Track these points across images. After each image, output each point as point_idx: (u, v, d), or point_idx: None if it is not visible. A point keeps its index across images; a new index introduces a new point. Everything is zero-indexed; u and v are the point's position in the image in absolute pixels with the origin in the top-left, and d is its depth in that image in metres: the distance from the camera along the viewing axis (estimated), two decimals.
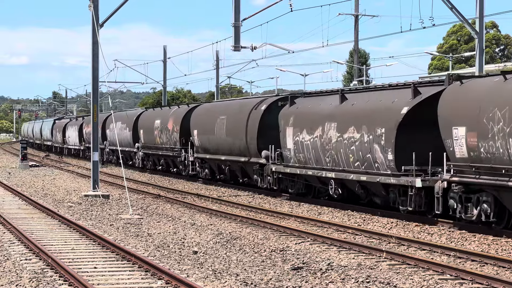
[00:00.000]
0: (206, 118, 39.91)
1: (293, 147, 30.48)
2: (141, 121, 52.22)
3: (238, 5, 34.85)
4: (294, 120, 30.52)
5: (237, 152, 35.78)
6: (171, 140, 44.69)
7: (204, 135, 39.83)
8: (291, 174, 30.99)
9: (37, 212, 27.15)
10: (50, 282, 14.69)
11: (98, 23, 33.10)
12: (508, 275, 15.57)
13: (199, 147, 40.68)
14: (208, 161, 40.21)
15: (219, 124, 37.65)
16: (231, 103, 40.44)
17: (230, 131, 36.56)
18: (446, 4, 32.66)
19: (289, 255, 17.87)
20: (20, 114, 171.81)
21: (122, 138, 55.74)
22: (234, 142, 36.00)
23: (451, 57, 76.90)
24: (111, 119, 59.22)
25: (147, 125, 50.09)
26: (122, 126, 56.78)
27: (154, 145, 48.44)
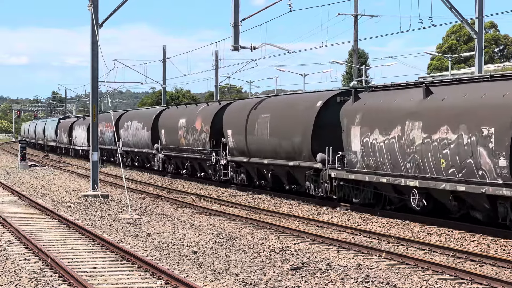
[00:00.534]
0: (244, 117, 35.26)
1: (360, 150, 25.90)
2: (162, 120, 47.25)
3: (238, 5, 34.86)
4: (361, 118, 25.93)
5: (284, 155, 31.53)
6: (199, 141, 40.47)
7: (240, 136, 35.55)
8: (356, 181, 26.44)
9: (37, 212, 27.15)
10: (50, 282, 14.69)
11: (97, 23, 33.10)
12: (507, 275, 15.58)
13: (233, 149, 36.38)
14: (245, 165, 35.66)
15: (261, 123, 33.40)
16: (276, 99, 35.11)
17: (275, 131, 32.29)
18: (446, 4, 32.68)
19: (289, 255, 17.87)
20: (19, 114, 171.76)
21: (138, 138, 51.89)
22: (281, 143, 31.74)
23: (450, 57, 76.91)
24: (126, 117, 56.80)
25: (170, 124, 45.42)
26: (138, 126, 52.08)
27: (178, 146, 43.94)
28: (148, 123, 49.73)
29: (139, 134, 51.39)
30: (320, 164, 28.65)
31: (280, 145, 31.83)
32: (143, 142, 50.66)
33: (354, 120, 26.40)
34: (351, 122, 26.59)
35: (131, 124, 53.76)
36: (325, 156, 28.32)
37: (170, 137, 45.11)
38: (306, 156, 29.81)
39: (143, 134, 50.59)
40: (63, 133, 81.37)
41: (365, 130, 25.68)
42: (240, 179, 36.35)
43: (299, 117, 30.44)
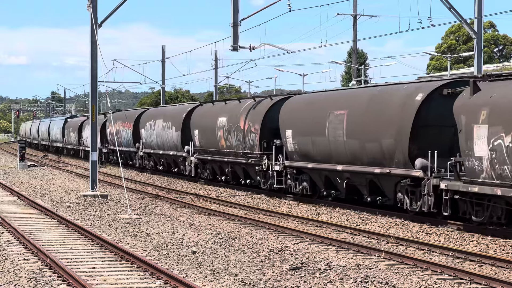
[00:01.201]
0: (308, 114, 29.87)
1: (489, 155, 20.36)
2: (196, 118, 41.41)
3: (237, 5, 34.86)
4: (489, 114, 20.40)
5: (367, 160, 26.09)
6: (245, 143, 34.75)
7: (304, 137, 29.93)
8: (480, 195, 21.10)
9: (36, 212, 27.14)
10: (49, 282, 14.69)
11: (96, 23, 33.10)
12: (506, 275, 15.58)
13: (294, 152, 30.83)
14: (309, 172, 29.98)
15: (334, 122, 27.73)
16: (355, 93, 28.86)
17: (355, 131, 26.59)
18: (445, 4, 32.68)
19: (288, 255, 17.87)
20: (18, 114, 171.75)
21: (164, 139, 46.07)
22: (364, 146, 26.17)
23: (449, 57, 76.94)
24: (148, 116, 50.88)
25: (206, 123, 39.62)
26: (165, 125, 46.17)
27: (215, 149, 38.13)
28: (177, 122, 44.04)
29: (166, 135, 45.66)
30: (421, 172, 23.50)
31: (362, 148, 26.25)
32: (170, 143, 44.96)
33: (477, 118, 20.80)
34: (473, 120, 20.96)
35: (154, 123, 48.13)
36: (427, 162, 23.27)
37: (206, 139, 39.58)
38: (400, 162, 24.59)
39: (170, 135, 44.91)
40: (71, 133, 75.98)
41: (496, 131, 20.11)
42: (301, 188, 30.45)
43: (390, 114, 25.05)
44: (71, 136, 76.06)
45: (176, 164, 44.85)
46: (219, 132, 37.77)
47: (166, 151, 45.89)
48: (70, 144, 76.54)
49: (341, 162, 27.47)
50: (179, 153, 43.53)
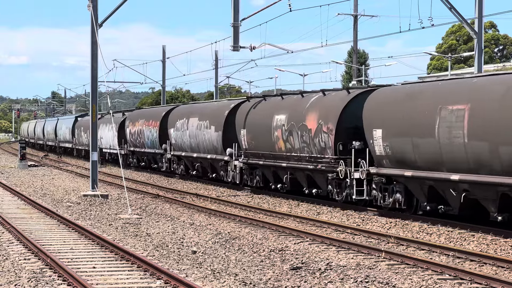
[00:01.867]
0: (407, 110, 24.24)
1: None
2: (242, 116, 35.49)
3: (237, 5, 34.86)
4: None
5: (500, 168, 20.44)
6: (314, 146, 29.03)
7: (401, 138, 24.42)
8: None
9: (36, 212, 27.15)
10: (49, 282, 14.69)
11: (97, 23, 33.11)
12: (507, 275, 15.58)
13: (384, 157, 25.38)
14: (406, 181, 24.54)
15: (448, 119, 22.25)
16: (479, 81, 22.38)
17: (481, 131, 21.08)
18: (445, 4, 32.68)
19: (288, 255, 17.87)
20: (19, 114, 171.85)
21: (200, 140, 40.30)
22: (496, 150, 20.54)
23: (450, 57, 76.95)
24: (178, 113, 45.00)
25: (257, 122, 33.89)
26: (200, 124, 40.39)
27: (271, 152, 32.49)
28: (218, 121, 38.18)
29: (202, 135, 39.93)
30: None
31: (493, 152, 20.65)
32: (208, 145, 39.25)
33: None
34: None
35: (187, 122, 42.24)
36: None
37: (257, 140, 33.81)
38: None
39: (208, 135, 39.14)
40: (82, 133, 69.48)
41: None
42: (393, 200, 25.20)
43: None
44: (82, 136, 69.79)
45: (214, 169, 39.35)
46: (275, 133, 31.89)
47: (202, 154, 40.12)
48: (82, 145, 70.28)
49: (458, 169, 22.00)
50: (219, 156, 37.79)
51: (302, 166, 29.81)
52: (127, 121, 55.24)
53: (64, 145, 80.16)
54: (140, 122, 51.35)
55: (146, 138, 49.88)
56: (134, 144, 53.06)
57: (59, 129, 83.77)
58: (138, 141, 51.62)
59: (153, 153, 49.02)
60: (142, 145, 50.95)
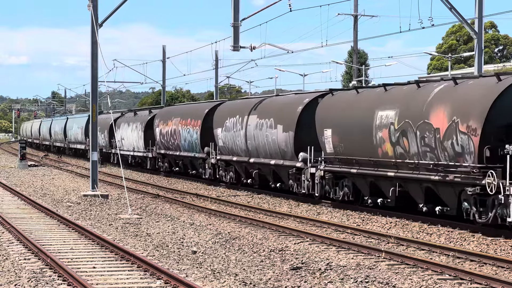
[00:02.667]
0: None
1: None
2: (325, 112, 28.76)
3: (237, 5, 34.86)
4: None
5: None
6: (444, 150, 22.37)
7: None
8: None
9: (36, 212, 27.15)
10: (49, 282, 14.69)
11: (97, 23, 33.12)
12: (507, 275, 15.58)
13: None
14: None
15: None
16: None
17: None
18: (445, 5, 32.68)
19: (288, 255, 17.87)
20: (19, 113, 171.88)
21: (261, 143, 33.45)
22: None
23: (450, 57, 76.94)
24: (226, 110, 38.21)
25: (347, 120, 27.13)
26: (261, 123, 33.53)
27: (370, 158, 25.87)
28: (288, 119, 31.42)
29: (264, 137, 33.31)
30: None
31: None
32: (273, 149, 32.47)
33: None
34: None
35: (241, 120, 35.73)
36: None
37: (350, 143, 27.02)
38: None
39: (273, 137, 32.48)
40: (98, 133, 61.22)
41: None
42: None
43: None
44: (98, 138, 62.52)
45: (278, 178, 32.86)
46: (379, 133, 25.42)
47: (263, 159, 33.41)
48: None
49: None
50: (288, 162, 31.19)
51: (420, 176, 23.39)
52: (156, 119, 48.21)
53: (75, 147, 73.28)
54: (174, 121, 44.54)
55: (183, 140, 43.12)
56: (165, 146, 46.21)
57: (69, 128, 76.49)
58: (171, 143, 45.02)
59: (192, 157, 42.13)
60: (177, 147, 44.20)
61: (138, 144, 51.46)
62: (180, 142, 43.70)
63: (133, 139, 52.57)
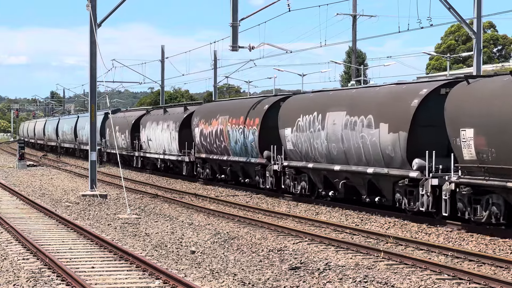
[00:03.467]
0: None
1: None
2: (463, 105, 21.83)
3: (236, 5, 34.83)
4: None
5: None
6: None
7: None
8: None
9: (35, 212, 27.14)
10: (48, 281, 14.69)
11: (96, 23, 33.10)
12: (505, 275, 15.58)
13: None
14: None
15: None
16: None
17: None
18: (444, 5, 32.67)
19: (287, 255, 17.87)
20: (17, 113, 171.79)
21: (353, 145, 26.82)
22: None
23: (449, 57, 76.94)
24: (298, 106, 31.35)
25: (504, 116, 20.06)
26: (351, 121, 27.09)
27: None
28: (396, 115, 24.89)
29: (356, 138, 26.59)
30: None
31: None
32: (370, 153, 25.82)
33: None
34: None
35: (321, 118, 28.92)
36: None
37: (504, 146, 20.18)
38: None
39: (372, 138, 25.81)
40: (118, 133, 55.58)
41: None
42: None
43: None
44: (118, 138, 55.17)
45: (376, 190, 26.20)
46: None
47: (354, 167, 26.83)
48: (120, 148, 54.39)
49: None
50: (395, 171, 24.78)
51: None
52: (195, 118, 41.47)
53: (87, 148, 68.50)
54: (220, 119, 38.01)
55: (233, 142, 36.48)
56: (208, 149, 39.55)
57: (80, 128, 69.00)
58: (216, 145, 38.40)
59: (246, 162, 35.41)
60: (224, 151, 37.53)
61: (170, 147, 44.30)
62: (228, 145, 37.03)
63: (164, 141, 45.30)
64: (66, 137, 77.20)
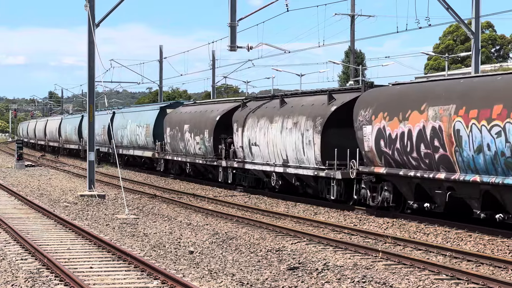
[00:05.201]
0: None
1: None
2: None
3: (234, 5, 34.82)
4: None
5: None
6: None
7: None
8: None
9: (33, 212, 27.12)
10: (46, 282, 14.68)
11: (94, 23, 33.10)
12: (504, 275, 15.59)
13: None
14: None
15: None
16: None
17: None
18: (442, 5, 32.67)
19: (285, 255, 17.87)
20: (15, 114, 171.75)
21: None
22: None
23: (447, 57, 76.96)
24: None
25: None
26: None
27: None
28: None
29: None
30: None
31: None
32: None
33: None
34: None
35: None
36: None
37: None
38: None
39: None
40: (190, 134, 41.09)
41: None
42: None
43: None
44: (189, 141, 41.44)
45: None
46: None
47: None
48: (185, 154, 41.84)
49: None
50: None
51: None
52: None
53: (129, 154, 53.10)
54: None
55: None
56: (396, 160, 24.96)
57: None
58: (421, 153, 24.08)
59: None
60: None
61: (299, 155, 29.88)
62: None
63: (287, 146, 30.76)
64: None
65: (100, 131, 58.65)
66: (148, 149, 48.85)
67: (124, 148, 53.44)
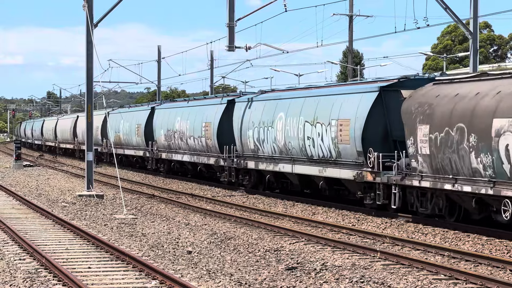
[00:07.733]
0: None
1: None
2: None
3: (233, 5, 34.82)
4: None
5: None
6: None
7: None
8: None
9: (31, 212, 27.11)
10: (44, 282, 14.68)
11: (92, 23, 33.10)
12: (502, 275, 15.60)
13: None
14: None
15: None
16: None
17: None
18: (440, 5, 32.70)
19: (283, 255, 17.87)
20: (14, 114, 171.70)
21: None
22: None
23: (445, 57, 77.01)
24: None
25: None
26: None
27: None
28: None
29: None
30: None
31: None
32: None
33: None
34: None
35: None
36: None
37: None
38: None
39: None
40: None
41: None
42: None
43: None
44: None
45: None
46: None
47: None
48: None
49: None
50: None
51: None
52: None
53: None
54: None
55: None
56: None
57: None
58: None
59: None
60: None
61: None
62: None
63: None
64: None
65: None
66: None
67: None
